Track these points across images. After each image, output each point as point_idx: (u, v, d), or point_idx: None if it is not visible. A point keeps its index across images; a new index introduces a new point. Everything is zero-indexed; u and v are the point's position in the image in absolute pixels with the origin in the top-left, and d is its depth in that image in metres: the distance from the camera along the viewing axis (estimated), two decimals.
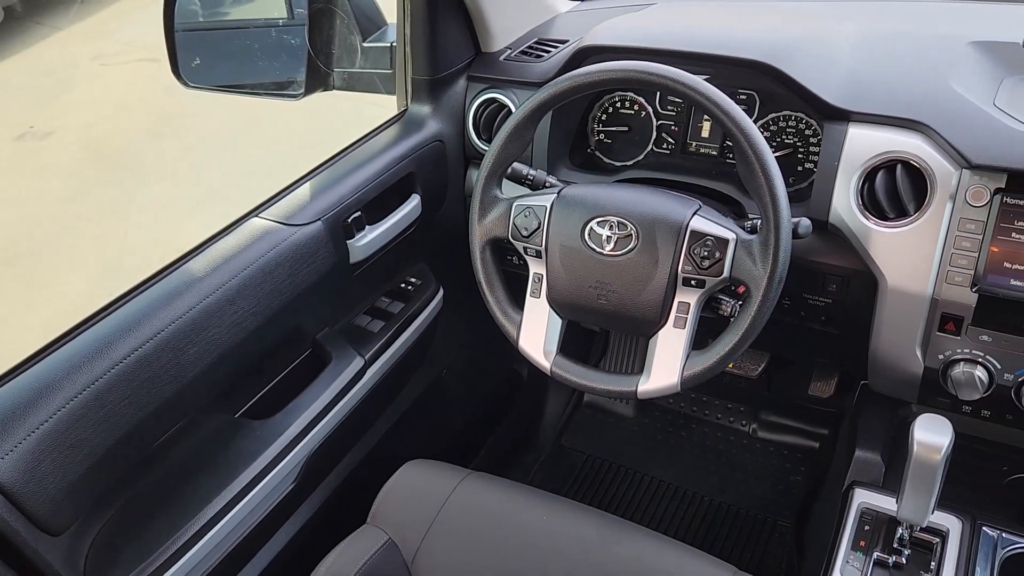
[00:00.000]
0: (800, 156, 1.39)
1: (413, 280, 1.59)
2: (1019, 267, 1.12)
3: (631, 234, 1.15)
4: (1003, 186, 1.11)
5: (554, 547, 1.19)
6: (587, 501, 1.95)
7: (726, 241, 1.10)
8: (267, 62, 1.62)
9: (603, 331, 2.15)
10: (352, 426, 1.44)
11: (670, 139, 1.50)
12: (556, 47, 1.56)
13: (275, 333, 1.29)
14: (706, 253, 1.11)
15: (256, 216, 1.28)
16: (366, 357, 1.41)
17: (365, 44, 1.55)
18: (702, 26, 1.43)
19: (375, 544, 1.20)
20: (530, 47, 1.58)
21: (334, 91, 1.60)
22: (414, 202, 1.50)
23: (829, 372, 1.96)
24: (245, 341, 1.19)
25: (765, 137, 1.40)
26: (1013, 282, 1.13)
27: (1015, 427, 1.29)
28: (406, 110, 1.56)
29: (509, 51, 1.58)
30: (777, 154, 1.39)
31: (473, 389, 1.97)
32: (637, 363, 2.07)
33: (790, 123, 1.39)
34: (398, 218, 1.46)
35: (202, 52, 1.53)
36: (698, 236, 1.11)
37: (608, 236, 1.16)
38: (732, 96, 1.41)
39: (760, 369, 2.01)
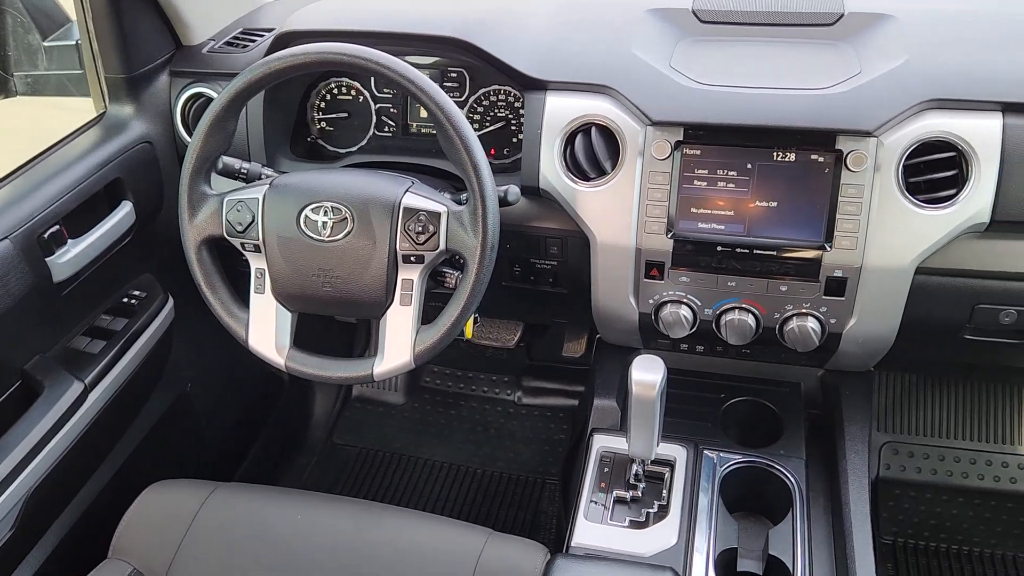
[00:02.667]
0: (513, 128, 1.45)
1: (137, 293, 1.49)
2: (704, 211, 1.24)
3: (346, 217, 1.14)
4: (682, 139, 1.22)
5: (309, 544, 1.16)
6: (362, 495, 1.94)
7: (438, 214, 1.13)
8: None
9: (362, 320, 2.13)
10: (81, 457, 1.32)
11: (391, 122, 1.51)
12: (262, 35, 1.52)
13: None
14: (420, 228, 1.12)
15: None
16: (86, 381, 1.30)
17: (46, 44, 1.42)
18: (403, 6, 1.44)
19: None
20: (235, 37, 1.53)
21: (18, 97, 1.46)
22: (125, 209, 1.40)
23: (578, 331, 2.07)
24: None
25: (478, 112, 1.46)
26: (700, 225, 1.24)
27: (725, 356, 1.43)
28: (105, 112, 1.45)
29: (213, 43, 1.52)
30: (492, 128, 1.46)
31: (227, 399, 1.89)
32: None
33: (500, 97, 1.45)
34: (107, 228, 1.36)
35: None
36: (411, 212, 1.13)
37: (324, 222, 1.14)
38: (443, 74, 1.46)
39: (517, 338, 2.09)
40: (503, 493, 1.95)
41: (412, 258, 1.14)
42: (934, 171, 1.17)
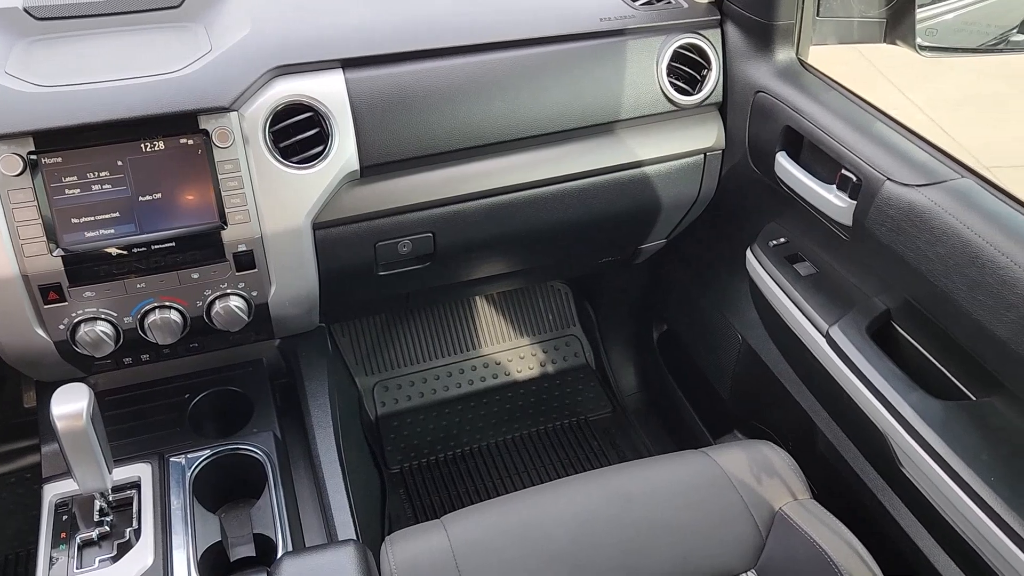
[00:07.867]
0: None
1: None
2: (88, 219, 1.16)
3: None
4: (34, 149, 1.12)
5: None
6: None
7: None
8: None
9: None
10: None
11: None
12: None
13: None
14: None
15: None
16: None
17: None
18: None
19: None
20: None
21: None
22: None
23: (29, 380, 1.85)
24: None
25: None
26: (87, 234, 1.16)
27: (177, 357, 1.39)
28: None
29: None
30: None
31: None
32: None
33: None
34: None
35: None
36: None
37: None
38: None
39: None
40: None
41: None
42: (300, 133, 1.24)
